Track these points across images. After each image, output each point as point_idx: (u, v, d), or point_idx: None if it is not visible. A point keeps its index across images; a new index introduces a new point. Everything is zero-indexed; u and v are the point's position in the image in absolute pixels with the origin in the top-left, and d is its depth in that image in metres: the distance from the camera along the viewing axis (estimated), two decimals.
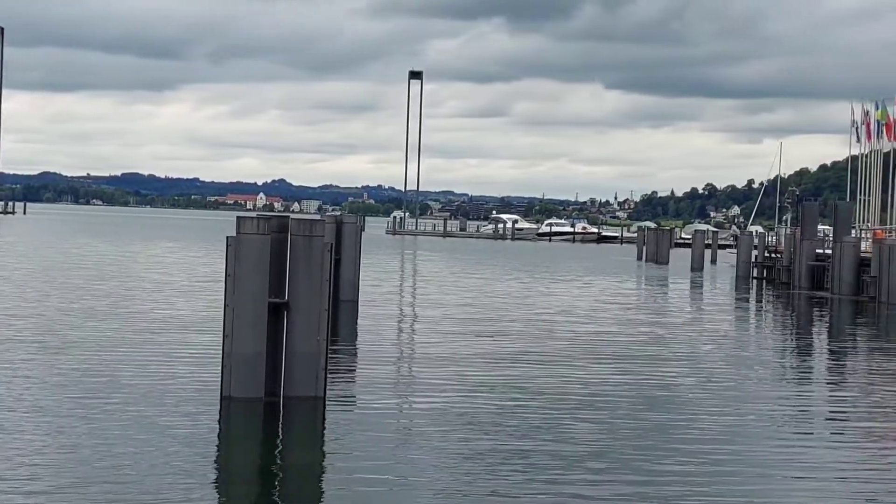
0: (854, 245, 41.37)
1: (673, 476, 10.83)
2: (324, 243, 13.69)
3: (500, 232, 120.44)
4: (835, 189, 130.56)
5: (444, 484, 10.25)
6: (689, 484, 10.55)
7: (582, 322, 26.65)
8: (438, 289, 36.89)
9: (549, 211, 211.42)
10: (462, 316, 26.93)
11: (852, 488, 10.79)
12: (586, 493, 10.09)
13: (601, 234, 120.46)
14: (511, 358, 19.24)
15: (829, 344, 26.66)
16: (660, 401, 15.31)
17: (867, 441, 13.31)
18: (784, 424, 14.17)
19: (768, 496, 10.37)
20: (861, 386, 18.69)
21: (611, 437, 12.60)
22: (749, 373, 19.16)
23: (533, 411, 14.01)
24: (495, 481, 10.39)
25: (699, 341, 23.92)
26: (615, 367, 18.58)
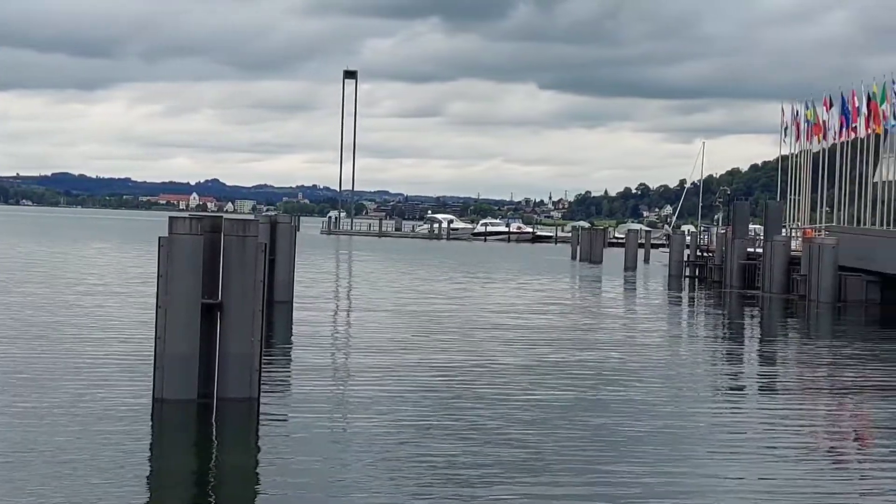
0: (784, 244, 41.96)
1: (609, 476, 10.90)
2: (257, 243, 13.59)
3: (435, 232, 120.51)
4: (765, 189, 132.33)
5: (378, 485, 10.23)
6: (628, 485, 10.62)
7: (517, 323, 26.73)
8: (374, 289, 36.82)
9: (485, 211, 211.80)
10: (397, 317, 26.91)
11: (785, 490, 10.94)
12: (521, 493, 10.13)
13: (536, 234, 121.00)
14: (447, 359, 19.25)
15: (761, 342, 27.02)
16: (596, 401, 15.40)
17: (799, 437, 13.49)
18: (719, 421, 14.33)
19: (705, 497, 10.47)
20: (794, 385, 18.98)
21: (546, 438, 12.64)
22: (682, 372, 19.35)
23: (468, 412, 14.02)
24: (429, 483, 10.38)
25: (633, 341, 24.10)
26: (551, 369, 18.65)
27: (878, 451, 12.82)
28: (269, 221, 28.15)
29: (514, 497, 9.96)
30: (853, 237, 40.28)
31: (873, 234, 41.16)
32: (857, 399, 16.86)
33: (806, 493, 10.59)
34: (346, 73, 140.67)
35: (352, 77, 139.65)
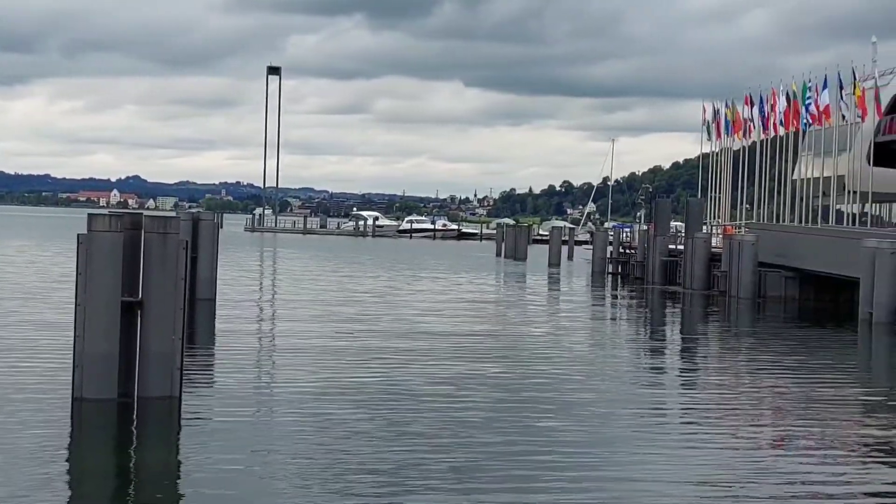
0: (705, 241, 42.52)
1: (531, 474, 10.96)
2: (179, 241, 13.44)
3: (360, 229, 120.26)
4: (687, 186, 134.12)
5: (300, 484, 10.17)
6: (550, 482, 10.68)
7: (441, 321, 26.77)
8: (298, 287, 36.64)
9: (410, 208, 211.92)
10: (322, 315, 26.79)
11: (706, 479, 11.08)
12: (442, 487, 10.14)
13: (461, 231, 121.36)
14: (371, 357, 19.22)
15: (682, 339, 27.38)
16: (520, 399, 15.47)
17: (719, 434, 13.68)
18: (641, 419, 14.48)
19: (629, 492, 10.57)
20: (714, 381, 19.24)
21: (470, 438, 12.67)
22: (605, 370, 19.53)
23: (392, 412, 14.01)
24: (351, 482, 10.35)
25: (557, 339, 24.28)
26: (476, 366, 18.70)
27: (796, 444, 13.04)
28: (191, 219, 27.87)
29: (436, 496, 9.96)
30: (772, 234, 40.97)
31: (792, 231, 41.92)
32: (776, 394, 17.14)
33: (727, 485, 10.74)
34: (270, 69, 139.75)
35: (275, 73, 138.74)
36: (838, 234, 37.96)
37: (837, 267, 34.12)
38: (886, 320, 28.26)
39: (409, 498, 9.81)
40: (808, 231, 41.70)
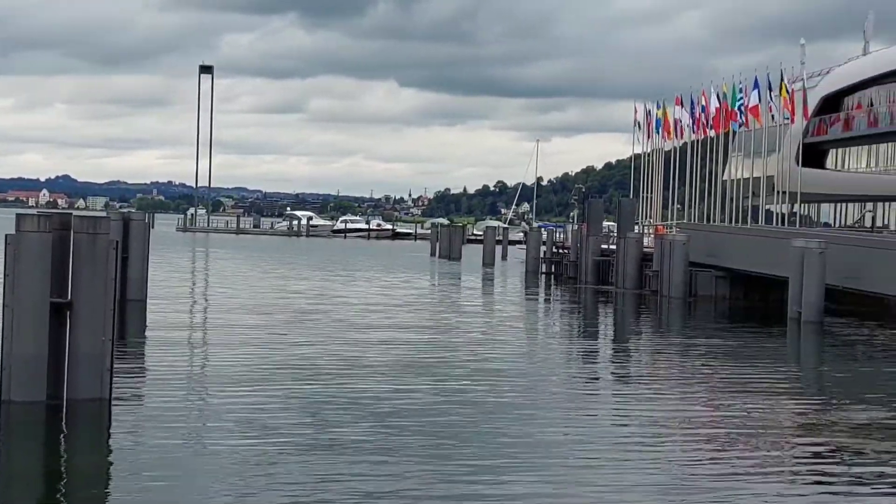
0: (637, 241, 42.86)
1: (458, 472, 10.98)
2: (109, 241, 13.28)
3: (294, 229, 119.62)
4: (619, 186, 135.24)
5: (231, 484, 10.09)
6: (485, 482, 10.71)
7: (376, 321, 26.74)
8: (231, 287, 36.35)
9: (345, 208, 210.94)
10: (255, 315, 26.63)
11: (636, 480, 11.18)
12: (375, 490, 10.13)
13: (396, 231, 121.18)
14: (305, 358, 19.14)
15: (614, 338, 27.60)
16: (452, 399, 15.50)
17: (650, 429, 13.80)
18: (572, 415, 14.57)
19: (559, 490, 10.63)
20: (645, 378, 19.43)
21: (404, 438, 12.67)
22: (537, 368, 19.63)
23: (324, 414, 13.96)
24: (281, 484, 10.29)
25: (490, 338, 24.37)
26: (409, 368, 18.71)
27: (727, 440, 13.19)
28: (121, 218, 27.55)
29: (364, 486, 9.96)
30: (703, 234, 41.42)
31: (722, 231, 42.43)
32: (707, 391, 17.34)
33: (659, 483, 10.84)
34: (202, 67, 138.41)
35: (208, 72, 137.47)
36: (767, 234, 38.49)
37: (767, 266, 34.58)
38: (815, 319, 28.69)
39: (342, 499, 9.79)
40: (738, 231, 42.24)
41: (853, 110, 55.19)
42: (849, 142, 55.63)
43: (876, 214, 53.46)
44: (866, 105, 54.41)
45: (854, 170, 55.51)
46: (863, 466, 11.86)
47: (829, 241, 30.82)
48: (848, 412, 15.34)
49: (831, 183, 54.77)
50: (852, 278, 29.77)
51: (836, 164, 57.35)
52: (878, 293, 30.01)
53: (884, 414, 15.30)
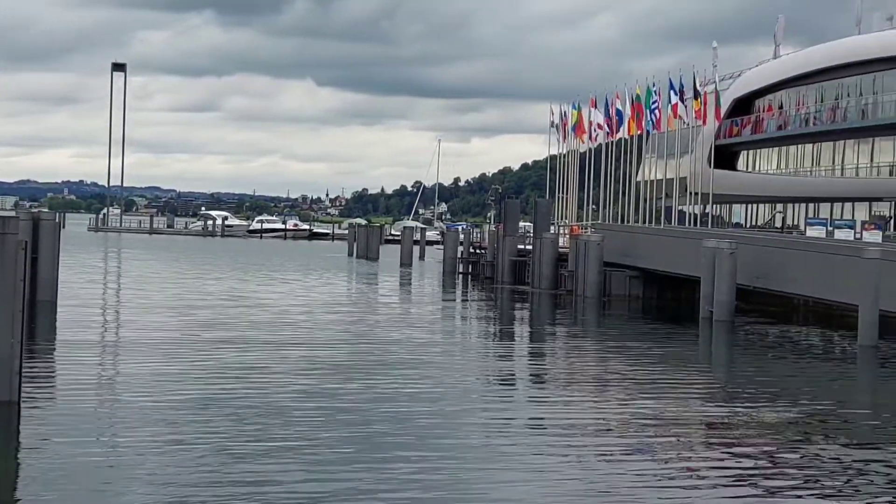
0: (552, 241, 43.20)
1: (376, 476, 10.98)
2: (18, 241, 13.03)
3: (209, 229, 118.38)
4: (536, 187, 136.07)
5: (141, 489, 9.97)
6: (397, 486, 10.71)
7: (292, 321, 26.60)
8: (143, 288, 35.87)
9: (261, 208, 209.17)
10: (167, 316, 26.32)
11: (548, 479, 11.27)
12: (296, 491, 10.09)
13: (313, 231, 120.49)
14: (219, 360, 18.97)
15: (530, 337, 27.77)
16: (368, 400, 15.48)
17: (566, 436, 13.92)
18: (488, 415, 14.65)
19: (476, 491, 10.68)
20: (560, 377, 19.58)
21: (322, 441, 12.63)
22: (453, 369, 19.68)
23: (238, 414, 13.86)
24: (194, 485, 10.19)
25: (406, 339, 24.37)
26: (326, 370, 18.65)
27: (640, 440, 13.35)
28: (31, 218, 27.06)
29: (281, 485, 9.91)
30: (617, 234, 41.88)
31: (636, 232, 42.93)
32: (620, 391, 17.54)
33: (575, 483, 10.94)
34: (115, 65, 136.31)
35: (121, 70, 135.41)
36: (680, 235, 39.05)
37: (679, 266, 35.07)
38: (726, 318, 29.17)
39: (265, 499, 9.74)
40: (651, 231, 42.78)
41: (764, 113, 56.26)
42: (759, 144, 56.68)
43: (785, 215, 54.55)
44: (777, 107, 55.49)
45: (764, 171, 56.57)
46: (773, 463, 12.09)
47: (739, 241, 31.38)
48: (758, 410, 15.62)
49: (742, 184, 55.76)
50: (762, 278, 30.34)
51: (747, 165, 58.39)
52: (786, 293, 30.63)
53: (793, 412, 15.62)
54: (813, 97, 52.42)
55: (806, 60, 53.07)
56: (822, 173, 51.76)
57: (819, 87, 51.79)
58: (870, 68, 47.55)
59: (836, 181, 50.07)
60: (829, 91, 51.28)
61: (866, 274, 24.01)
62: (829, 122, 50.71)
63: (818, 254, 28.71)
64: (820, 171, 52.05)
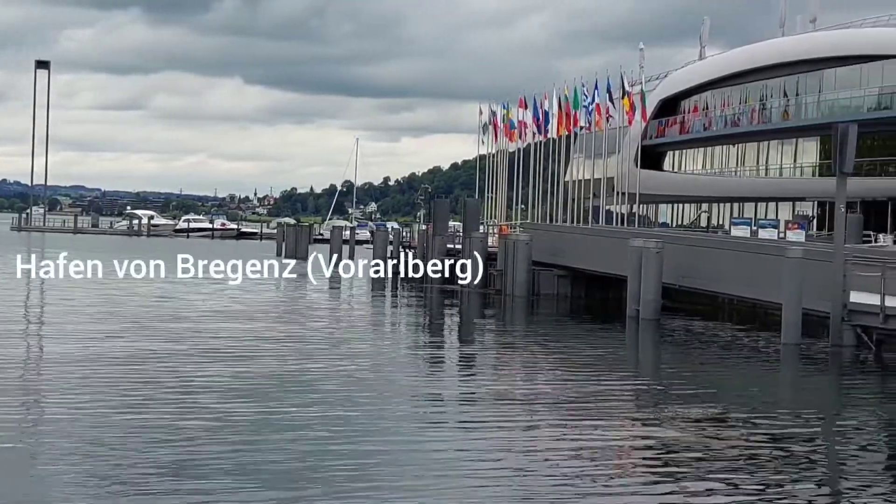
0: (482, 240, 43.28)
1: (299, 483, 10.91)
2: None
3: (135, 228, 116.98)
4: (465, 186, 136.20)
5: (59, 485, 9.81)
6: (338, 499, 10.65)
7: (219, 323, 26.35)
8: (65, 288, 35.28)
9: (188, 207, 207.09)
10: (90, 316, 25.93)
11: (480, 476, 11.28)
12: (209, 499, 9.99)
13: (241, 231, 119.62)
14: (142, 360, 18.73)
15: (460, 337, 27.79)
16: (303, 399, 15.38)
17: (495, 438, 13.95)
18: (419, 413, 14.62)
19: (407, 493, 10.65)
20: (489, 376, 19.62)
21: (244, 446, 12.52)
22: (382, 368, 19.62)
23: (163, 413, 13.69)
24: (122, 495, 10.05)
25: (336, 339, 24.29)
26: (251, 376, 18.49)
27: (568, 440, 13.42)
28: None
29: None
30: (545, 234, 42.09)
31: (563, 231, 43.20)
32: (549, 390, 17.61)
33: (505, 494, 10.95)
34: (38, 63, 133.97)
35: (44, 67, 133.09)
36: (607, 234, 39.35)
37: (607, 266, 35.33)
38: (652, 317, 29.45)
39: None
40: (578, 231, 43.07)
41: (689, 114, 56.95)
42: (685, 144, 57.39)
43: (711, 214, 55.26)
44: (702, 108, 56.19)
45: (690, 171, 57.29)
46: (698, 460, 12.21)
47: (665, 241, 31.69)
48: (684, 407, 15.77)
49: (669, 184, 56.42)
50: (688, 277, 30.66)
51: (673, 165, 59.09)
52: (711, 291, 30.99)
53: (717, 409, 15.80)
54: (737, 98, 53.20)
55: (730, 62, 53.84)
56: (746, 173, 52.55)
57: (743, 88, 52.58)
58: (793, 70, 48.37)
59: (760, 181, 50.86)
60: (753, 92, 52.09)
61: (789, 273, 24.37)
62: (753, 122, 51.49)
63: (743, 253, 29.08)
64: (744, 171, 52.85)
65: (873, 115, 42.92)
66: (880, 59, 43.47)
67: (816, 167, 47.10)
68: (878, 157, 43.50)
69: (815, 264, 24.52)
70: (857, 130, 24.63)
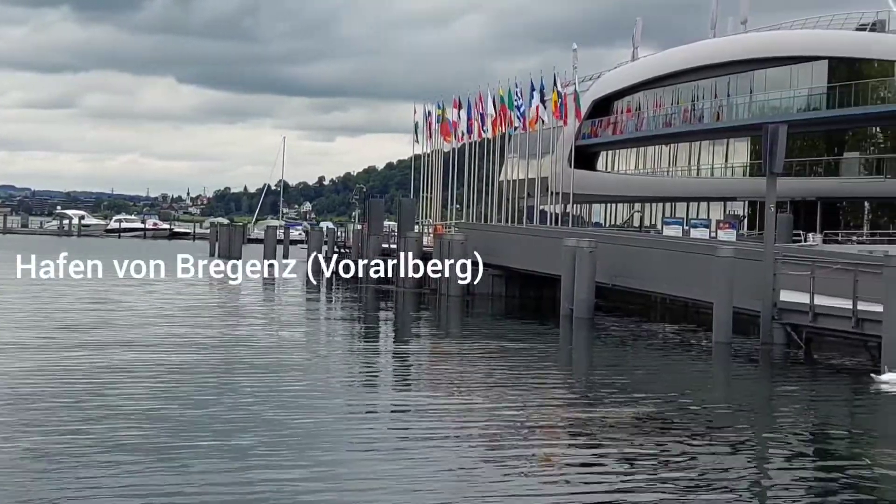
0: (417, 240, 43.26)
1: (237, 481, 10.81)
2: None
3: (65, 228, 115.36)
4: (400, 186, 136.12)
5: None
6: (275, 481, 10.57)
7: (150, 323, 26.07)
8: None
9: (119, 207, 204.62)
10: (20, 318, 25.53)
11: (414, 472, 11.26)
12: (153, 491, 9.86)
13: (173, 231, 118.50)
14: (75, 360, 18.47)
15: (394, 336, 27.76)
16: (234, 399, 15.26)
17: (428, 438, 13.93)
18: (352, 414, 14.57)
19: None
20: (424, 375, 19.61)
21: (169, 433, 12.38)
22: (317, 369, 19.54)
23: (97, 413, 13.50)
24: (53, 489, 9.89)
25: (271, 340, 24.12)
26: (185, 371, 18.32)
27: (503, 441, 13.44)
28: None
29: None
30: (481, 233, 42.14)
31: (498, 230, 43.30)
32: (482, 390, 17.64)
33: (439, 489, 10.94)
34: None
35: None
36: (541, 234, 39.52)
37: (541, 265, 35.48)
38: (586, 316, 29.62)
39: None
40: (512, 230, 43.19)
41: (622, 114, 57.39)
42: (618, 144, 57.81)
43: (643, 214, 55.74)
44: (635, 109, 56.64)
45: (623, 171, 57.72)
46: (631, 458, 12.28)
47: (599, 240, 31.90)
48: (618, 407, 15.88)
49: (602, 184, 56.81)
50: (621, 276, 30.90)
51: (606, 165, 59.51)
52: (644, 290, 31.27)
53: (650, 407, 15.92)
54: (669, 99, 53.70)
55: (662, 63, 54.32)
56: (678, 173, 53.06)
57: (675, 89, 53.09)
58: (724, 71, 48.94)
59: (691, 181, 51.38)
60: (684, 93, 52.60)
61: (720, 272, 24.65)
62: (685, 123, 52.00)
63: (674, 252, 29.37)
64: (676, 171, 53.36)
65: (803, 116, 43.59)
66: (810, 60, 44.15)
67: (747, 167, 47.69)
68: (807, 158, 44.19)
69: (746, 263, 24.82)
70: (787, 131, 25.00)
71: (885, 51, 41.71)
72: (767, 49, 46.43)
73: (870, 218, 43.23)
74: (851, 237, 40.67)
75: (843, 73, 43.06)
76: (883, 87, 42.10)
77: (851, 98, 42.20)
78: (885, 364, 19.04)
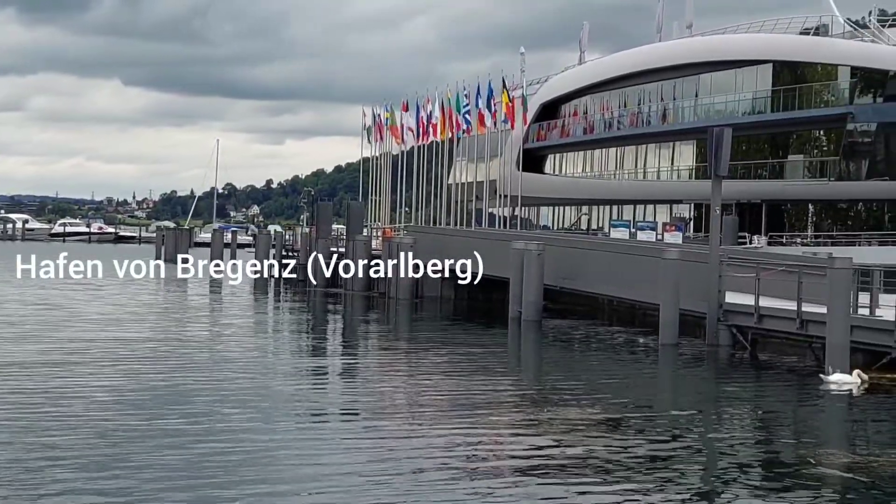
0: (365, 243, 43.15)
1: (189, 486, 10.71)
2: None
3: (9, 232, 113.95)
4: (349, 189, 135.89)
5: None
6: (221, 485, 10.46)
7: (97, 329, 25.77)
8: None
9: (64, 210, 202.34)
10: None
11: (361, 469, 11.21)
12: None
13: (118, 234, 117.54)
14: (19, 364, 18.21)
15: (343, 339, 27.65)
16: (182, 405, 15.11)
17: (377, 448, 13.87)
18: (301, 416, 14.48)
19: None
20: (373, 377, 19.54)
21: (125, 451, 12.25)
22: (265, 370, 19.40)
23: (42, 424, 13.30)
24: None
25: (218, 345, 23.95)
26: (133, 372, 18.12)
27: (450, 444, 13.42)
28: None
29: None
30: (429, 236, 42.11)
31: (447, 234, 43.29)
32: (430, 392, 17.61)
33: (386, 492, 10.90)
34: None
35: None
36: (489, 237, 39.56)
37: (489, 268, 35.50)
38: (534, 318, 29.68)
39: None
40: (460, 233, 43.21)
41: (570, 117, 57.64)
42: (566, 147, 58.05)
43: (591, 217, 56.02)
44: (582, 112, 56.92)
45: (571, 174, 57.96)
46: (579, 461, 12.30)
47: (547, 243, 31.99)
48: (563, 408, 15.91)
49: (550, 187, 57.01)
50: (568, 279, 31.00)
51: (554, 168, 59.73)
52: (591, 293, 31.38)
53: (597, 409, 15.96)
54: (616, 102, 54.03)
55: (609, 66, 54.65)
56: (625, 176, 53.39)
57: (622, 92, 53.43)
58: (670, 74, 49.33)
59: (638, 184, 51.74)
60: (631, 96, 52.96)
61: (666, 274, 24.80)
62: (631, 126, 52.35)
63: (621, 255, 29.51)
64: (623, 174, 53.68)
65: (747, 119, 44.04)
66: (754, 63, 44.61)
67: (693, 170, 48.08)
68: (752, 161, 44.62)
69: (692, 266, 25.00)
70: (732, 134, 25.22)
71: (828, 54, 42.27)
72: (713, 53, 46.87)
73: (814, 220, 43.76)
74: (796, 239, 41.16)
75: (788, 76, 43.57)
76: (826, 90, 42.66)
77: (795, 101, 42.70)
78: (830, 364, 19.25)
